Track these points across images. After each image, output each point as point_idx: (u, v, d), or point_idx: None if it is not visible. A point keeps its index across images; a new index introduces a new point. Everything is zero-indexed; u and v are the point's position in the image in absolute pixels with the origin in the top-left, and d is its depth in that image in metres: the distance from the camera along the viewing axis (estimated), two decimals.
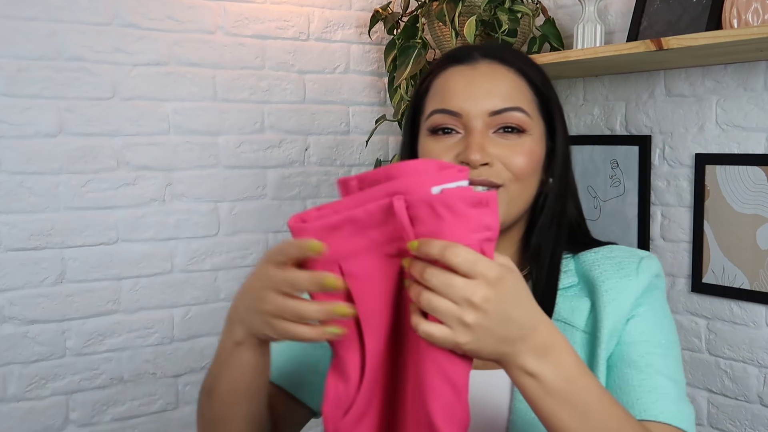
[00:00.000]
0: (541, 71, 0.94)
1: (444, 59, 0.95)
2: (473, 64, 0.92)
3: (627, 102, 1.75)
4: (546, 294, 0.91)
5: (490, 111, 0.88)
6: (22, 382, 1.67)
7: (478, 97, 0.88)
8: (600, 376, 0.86)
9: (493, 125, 0.89)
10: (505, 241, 0.95)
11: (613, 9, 1.76)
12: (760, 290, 1.51)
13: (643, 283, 0.90)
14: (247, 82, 1.91)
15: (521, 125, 0.89)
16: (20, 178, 1.65)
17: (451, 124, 0.90)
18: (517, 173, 0.88)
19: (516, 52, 0.96)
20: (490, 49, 0.94)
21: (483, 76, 0.90)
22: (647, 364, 0.87)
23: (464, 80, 0.90)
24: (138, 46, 1.75)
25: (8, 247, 1.64)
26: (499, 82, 0.90)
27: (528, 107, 0.90)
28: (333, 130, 2.06)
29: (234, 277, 1.92)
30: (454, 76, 0.91)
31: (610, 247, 0.97)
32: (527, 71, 0.92)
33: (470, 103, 0.88)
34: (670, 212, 1.68)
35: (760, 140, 1.52)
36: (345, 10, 2.05)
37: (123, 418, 1.80)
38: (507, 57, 0.93)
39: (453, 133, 0.90)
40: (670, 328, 0.92)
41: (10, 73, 1.62)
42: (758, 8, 1.35)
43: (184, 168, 1.84)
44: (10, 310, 1.65)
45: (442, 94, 0.91)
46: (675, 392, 0.86)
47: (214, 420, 0.83)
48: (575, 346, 0.89)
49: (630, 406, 0.84)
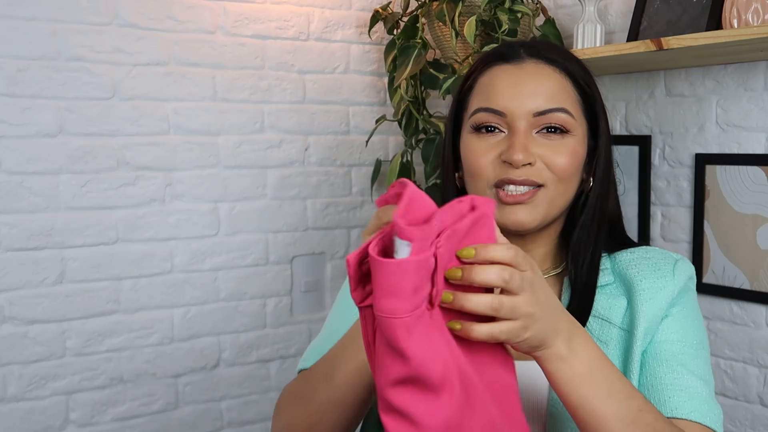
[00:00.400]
0: (585, 69, 0.95)
1: (490, 56, 0.95)
2: (519, 63, 0.92)
3: (627, 102, 1.75)
4: (586, 290, 0.93)
5: (534, 111, 0.89)
6: (22, 382, 1.67)
7: (524, 98, 0.89)
8: (634, 372, 0.88)
9: (537, 125, 0.89)
10: (543, 237, 0.96)
11: (613, 9, 1.75)
12: (760, 290, 1.51)
13: (678, 284, 0.93)
14: (247, 82, 1.91)
15: (564, 126, 0.90)
16: (20, 178, 1.64)
17: (495, 123, 0.90)
18: (559, 173, 0.89)
19: (561, 50, 0.96)
20: (536, 48, 0.94)
21: (529, 76, 0.91)
22: (679, 363, 0.88)
23: (510, 79, 0.91)
24: (138, 46, 1.75)
25: (8, 247, 1.64)
26: (544, 82, 0.90)
27: (572, 107, 0.91)
28: (333, 130, 2.06)
29: (234, 277, 1.92)
30: (499, 74, 0.92)
31: (645, 248, 0.98)
32: (572, 71, 0.93)
33: (515, 103, 0.89)
34: (670, 212, 1.68)
35: (760, 140, 1.52)
36: (345, 10, 2.05)
37: (123, 418, 1.80)
38: (553, 56, 0.93)
39: (496, 131, 0.91)
40: (701, 329, 0.94)
41: (10, 73, 1.62)
42: (758, 8, 1.35)
43: (184, 168, 1.84)
44: (10, 310, 1.65)
45: (487, 93, 0.91)
46: (705, 392, 0.87)
47: (328, 403, 0.85)
48: (612, 342, 0.91)
49: (661, 404, 0.85)
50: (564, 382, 0.70)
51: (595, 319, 0.92)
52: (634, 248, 0.98)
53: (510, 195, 0.89)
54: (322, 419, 0.86)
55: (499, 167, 0.89)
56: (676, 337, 0.90)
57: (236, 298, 1.93)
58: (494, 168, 0.90)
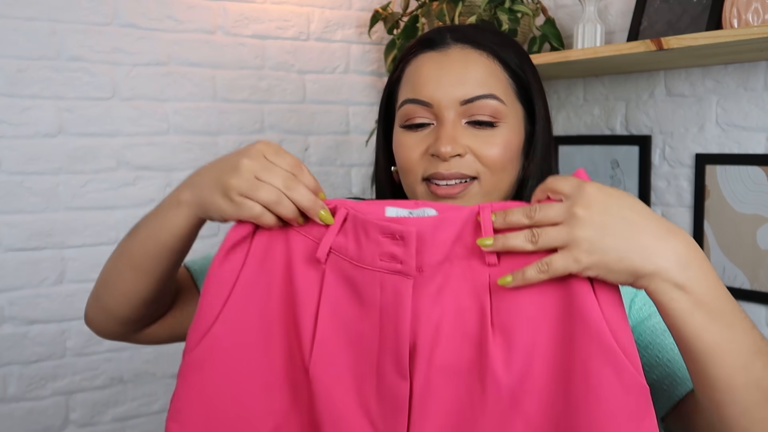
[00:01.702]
0: (518, 52, 0.90)
1: (416, 44, 0.91)
2: (445, 50, 0.87)
3: (627, 102, 1.75)
4: None
5: (461, 99, 0.84)
6: (22, 382, 1.67)
7: (449, 86, 0.85)
8: None
9: (466, 115, 0.85)
10: None
11: (613, 9, 1.76)
12: (760, 290, 1.51)
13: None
14: (247, 82, 1.91)
15: (495, 114, 0.85)
16: (20, 178, 1.64)
17: (422, 116, 0.86)
18: (490, 165, 0.85)
19: (491, 34, 0.90)
20: (463, 32, 0.89)
21: (454, 62, 0.86)
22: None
23: (435, 67, 0.86)
24: (138, 46, 1.75)
25: (8, 248, 1.64)
26: (471, 68, 0.86)
27: (503, 93, 0.86)
28: (333, 130, 2.06)
29: None
30: (425, 63, 0.88)
31: None
32: (502, 54, 0.87)
33: (441, 92, 0.85)
34: (671, 212, 1.68)
35: (760, 140, 1.52)
36: (345, 10, 2.05)
37: (123, 419, 1.80)
38: (481, 40, 0.88)
39: (426, 126, 0.87)
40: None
41: (10, 73, 1.62)
42: (758, 8, 1.35)
43: (184, 168, 1.84)
44: (10, 310, 1.65)
45: (413, 83, 0.88)
46: None
47: (124, 266, 0.85)
48: None
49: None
50: (682, 314, 0.63)
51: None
52: None
53: (441, 188, 0.85)
54: (115, 276, 0.87)
55: (428, 161, 0.85)
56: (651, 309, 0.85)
57: None
58: (423, 162, 0.86)
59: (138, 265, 0.84)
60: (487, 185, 0.85)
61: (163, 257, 0.83)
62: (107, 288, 0.88)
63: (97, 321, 0.92)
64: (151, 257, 0.83)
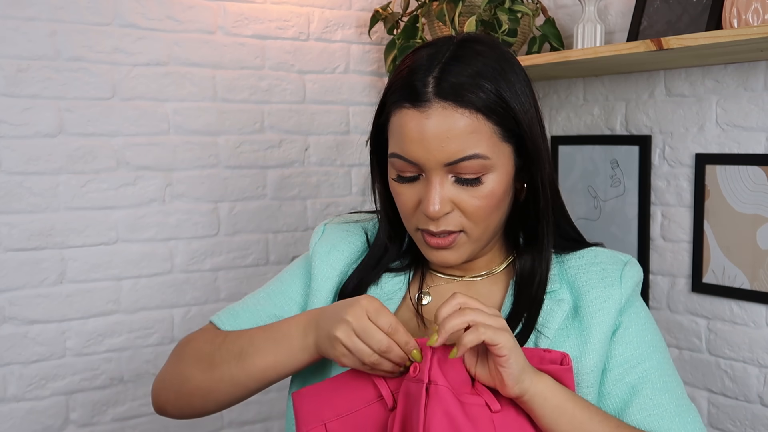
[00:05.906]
0: (502, 76, 0.87)
1: (399, 91, 0.89)
2: (426, 110, 0.86)
3: (627, 102, 1.75)
4: (533, 303, 0.94)
5: (445, 162, 0.87)
6: (22, 382, 1.67)
7: (432, 149, 0.86)
8: (592, 385, 0.92)
9: (453, 172, 0.88)
10: (484, 249, 0.98)
11: (613, 9, 1.76)
12: (760, 290, 1.51)
13: (626, 292, 0.94)
14: (247, 82, 1.91)
15: (480, 171, 0.87)
16: (20, 178, 1.65)
17: (412, 171, 0.90)
18: (475, 219, 0.90)
19: (473, 71, 0.86)
20: (447, 83, 0.86)
21: (435, 126, 0.85)
22: (644, 384, 0.91)
23: (417, 129, 0.86)
24: (138, 46, 1.75)
25: (8, 247, 1.64)
26: (452, 128, 0.85)
27: (487, 145, 0.87)
28: (333, 130, 2.06)
29: (234, 277, 1.92)
30: (407, 122, 0.87)
31: (594, 251, 0.98)
32: (486, 102, 0.86)
33: (426, 156, 0.87)
34: (670, 212, 1.68)
35: (760, 140, 1.52)
36: (345, 10, 2.05)
37: (123, 419, 1.80)
38: (462, 92, 0.85)
39: (417, 178, 0.90)
40: (654, 331, 0.96)
41: (10, 73, 1.62)
42: (758, 8, 1.35)
43: (184, 168, 1.84)
44: (10, 310, 1.65)
45: (399, 138, 0.89)
46: (673, 406, 0.91)
47: (231, 379, 0.95)
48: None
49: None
50: (543, 414, 0.83)
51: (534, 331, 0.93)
52: (583, 251, 0.98)
53: (433, 239, 0.91)
54: (220, 389, 0.96)
55: (419, 215, 0.91)
56: (631, 354, 0.92)
57: (236, 298, 1.92)
58: (416, 215, 0.92)
59: (248, 386, 0.96)
60: (475, 234, 0.92)
61: (275, 381, 0.95)
62: (199, 395, 0.98)
63: (175, 413, 1.02)
64: (268, 383, 0.95)
